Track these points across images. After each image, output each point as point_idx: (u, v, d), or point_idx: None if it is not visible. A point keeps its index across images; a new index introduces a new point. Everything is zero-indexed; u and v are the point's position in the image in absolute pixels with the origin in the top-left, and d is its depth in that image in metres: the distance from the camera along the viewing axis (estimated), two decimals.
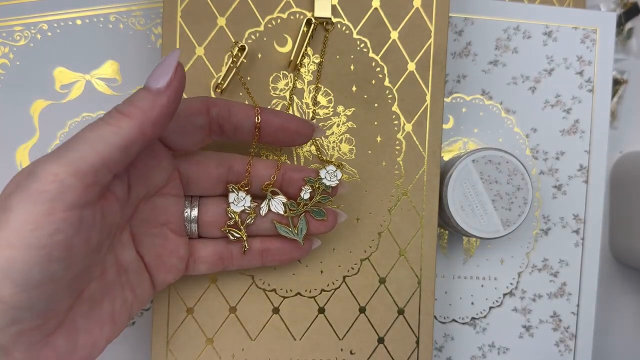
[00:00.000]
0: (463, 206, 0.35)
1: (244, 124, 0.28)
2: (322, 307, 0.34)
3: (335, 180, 0.30)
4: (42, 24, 0.36)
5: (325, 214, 0.30)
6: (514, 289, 0.40)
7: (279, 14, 0.33)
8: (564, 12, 0.40)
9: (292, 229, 0.30)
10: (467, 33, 0.39)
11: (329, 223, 0.31)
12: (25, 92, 0.36)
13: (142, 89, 0.24)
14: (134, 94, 0.24)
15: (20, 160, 0.36)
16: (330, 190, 0.30)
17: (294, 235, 0.30)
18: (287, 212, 0.30)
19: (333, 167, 0.30)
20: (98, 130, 0.22)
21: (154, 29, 0.37)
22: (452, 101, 0.39)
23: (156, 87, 0.23)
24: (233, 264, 0.30)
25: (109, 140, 0.22)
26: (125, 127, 0.23)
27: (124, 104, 0.23)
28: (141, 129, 0.23)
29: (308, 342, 0.33)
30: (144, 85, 0.24)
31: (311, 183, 0.30)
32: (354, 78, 0.33)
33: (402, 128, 0.34)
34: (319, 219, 0.30)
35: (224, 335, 0.33)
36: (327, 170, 0.30)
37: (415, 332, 0.34)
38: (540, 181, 0.40)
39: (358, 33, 0.33)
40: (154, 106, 0.23)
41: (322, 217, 0.30)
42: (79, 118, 0.36)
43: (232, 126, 0.28)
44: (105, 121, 0.23)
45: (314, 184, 0.30)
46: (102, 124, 0.23)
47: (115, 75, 0.37)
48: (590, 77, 0.40)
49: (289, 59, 0.33)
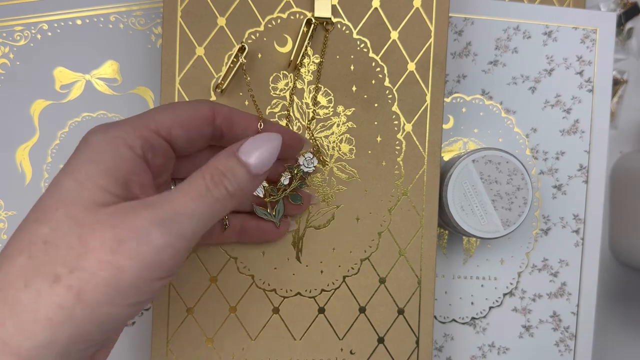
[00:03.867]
0: (463, 206, 0.35)
1: (244, 134, 0.29)
2: (322, 307, 0.34)
3: (312, 166, 0.32)
4: (42, 24, 0.36)
5: (302, 199, 0.32)
6: (514, 289, 0.40)
7: (279, 14, 0.33)
8: (564, 12, 0.40)
9: (270, 212, 0.32)
10: (467, 33, 0.39)
11: (303, 206, 0.33)
12: (25, 92, 0.36)
13: (243, 169, 0.24)
14: (236, 170, 0.24)
15: (20, 160, 0.36)
16: (307, 178, 0.32)
17: (271, 217, 0.32)
18: (266, 196, 0.32)
19: (310, 154, 0.32)
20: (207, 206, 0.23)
21: (154, 29, 0.37)
22: (452, 101, 0.39)
23: (257, 172, 0.25)
24: (212, 239, 0.31)
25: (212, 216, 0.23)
26: (230, 207, 0.24)
27: (229, 182, 0.24)
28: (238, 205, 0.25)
29: (308, 342, 0.33)
30: (243, 159, 0.25)
31: (290, 170, 0.32)
32: (354, 78, 0.33)
33: (402, 128, 0.34)
34: (295, 204, 0.32)
35: (224, 335, 0.33)
36: (305, 157, 0.32)
37: (415, 332, 0.34)
38: (540, 181, 0.40)
39: (358, 33, 0.33)
40: (252, 190, 0.25)
41: (298, 201, 0.32)
42: (79, 118, 0.36)
43: (233, 135, 0.28)
44: (216, 198, 0.23)
45: (292, 171, 0.32)
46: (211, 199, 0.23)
47: (115, 75, 0.37)
48: (590, 77, 0.40)
49: (289, 59, 0.33)
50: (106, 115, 0.37)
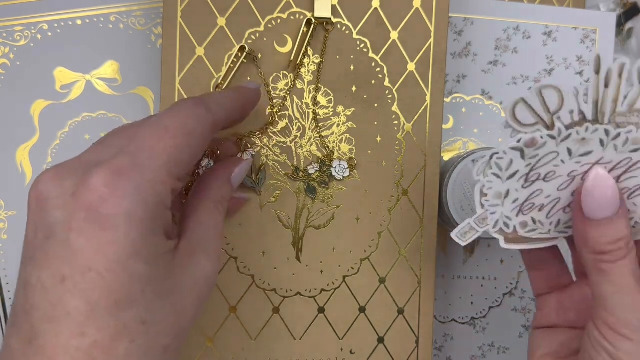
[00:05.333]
0: (463, 206, 0.35)
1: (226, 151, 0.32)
2: (322, 307, 0.34)
3: (341, 176, 0.33)
4: (42, 24, 0.36)
5: (316, 193, 0.33)
6: (513, 289, 0.40)
7: (279, 14, 0.33)
8: (564, 12, 0.40)
9: (254, 179, 0.33)
10: (467, 33, 0.39)
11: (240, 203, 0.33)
12: (25, 92, 0.36)
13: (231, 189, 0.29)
14: (229, 193, 0.29)
15: (21, 160, 0.36)
16: (328, 181, 0.33)
17: (254, 184, 0.32)
18: (290, 175, 0.33)
19: (346, 164, 0.32)
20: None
21: (154, 29, 0.37)
22: (452, 101, 0.39)
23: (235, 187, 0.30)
24: None
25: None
26: None
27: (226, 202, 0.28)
28: None
29: (308, 342, 0.33)
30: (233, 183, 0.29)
31: (321, 165, 0.32)
32: (354, 78, 0.33)
33: (402, 128, 0.34)
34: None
35: (224, 335, 0.33)
36: (340, 163, 0.32)
37: (415, 332, 0.34)
38: None
39: (358, 33, 0.33)
40: None
41: (312, 195, 0.33)
42: (79, 118, 0.36)
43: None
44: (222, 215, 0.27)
45: (322, 167, 0.32)
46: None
47: (115, 75, 0.37)
48: (590, 78, 0.40)
49: (289, 59, 0.33)
50: (106, 116, 0.37)
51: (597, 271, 0.24)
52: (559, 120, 0.25)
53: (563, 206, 0.26)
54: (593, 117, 0.25)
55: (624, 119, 0.25)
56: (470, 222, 0.27)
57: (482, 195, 0.26)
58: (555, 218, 0.27)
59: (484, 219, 0.27)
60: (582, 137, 0.25)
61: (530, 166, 0.25)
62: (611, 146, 0.25)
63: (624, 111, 0.25)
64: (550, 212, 0.27)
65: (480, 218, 0.27)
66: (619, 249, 0.23)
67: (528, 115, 0.25)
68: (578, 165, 0.25)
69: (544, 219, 0.27)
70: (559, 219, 0.27)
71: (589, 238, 0.24)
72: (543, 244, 0.27)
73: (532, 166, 0.25)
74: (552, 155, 0.25)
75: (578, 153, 0.25)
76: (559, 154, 0.25)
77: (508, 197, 0.26)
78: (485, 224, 0.27)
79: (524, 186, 0.26)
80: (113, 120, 0.36)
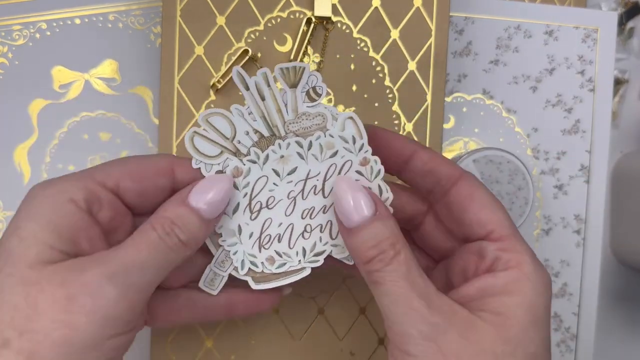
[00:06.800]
0: None
1: None
2: (322, 308, 0.33)
3: None
4: (41, 23, 0.36)
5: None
6: None
7: (278, 13, 0.32)
8: (565, 11, 0.40)
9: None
10: (468, 32, 0.39)
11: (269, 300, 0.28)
12: (23, 92, 0.36)
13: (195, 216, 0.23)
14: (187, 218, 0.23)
15: (19, 160, 0.36)
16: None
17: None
18: None
19: None
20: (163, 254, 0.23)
21: (153, 28, 0.37)
22: (452, 101, 0.39)
23: (209, 217, 0.23)
24: (196, 317, 0.28)
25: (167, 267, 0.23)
26: (185, 255, 0.23)
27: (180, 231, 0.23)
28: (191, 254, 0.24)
29: (308, 343, 0.33)
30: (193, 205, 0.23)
31: None
32: (354, 77, 0.33)
33: (403, 128, 0.33)
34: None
35: (224, 335, 0.33)
36: None
37: None
38: (541, 181, 0.40)
39: (358, 32, 0.33)
40: (206, 235, 0.24)
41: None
42: (77, 117, 0.36)
43: None
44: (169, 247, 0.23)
45: None
46: (166, 249, 0.22)
47: (114, 74, 0.37)
48: (591, 77, 0.40)
49: (289, 58, 0.33)
50: (105, 115, 0.36)
51: (372, 284, 0.23)
52: (240, 144, 0.25)
53: (300, 232, 0.26)
54: (270, 133, 0.25)
55: (297, 126, 0.25)
56: (212, 267, 0.26)
57: (218, 236, 0.25)
58: (299, 246, 0.26)
59: (223, 262, 0.26)
60: (280, 155, 0.25)
61: (248, 196, 0.25)
62: (311, 157, 0.25)
63: (292, 118, 0.25)
64: (290, 240, 0.26)
65: (219, 261, 0.26)
66: (382, 252, 0.22)
67: (210, 146, 0.25)
68: (292, 185, 0.25)
69: (287, 250, 0.26)
70: (303, 247, 0.26)
71: (353, 248, 0.23)
72: (296, 277, 0.26)
73: (250, 195, 0.25)
74: (263, 180, 0.25)
75: (285, 172, 0.25)
76: (269, 178, 0.25)
77: (242, 233, 0.25)
78: (227, 266, 0.26)
79: (252, 218, 0.25)
80: (112, 120, 0.36)
